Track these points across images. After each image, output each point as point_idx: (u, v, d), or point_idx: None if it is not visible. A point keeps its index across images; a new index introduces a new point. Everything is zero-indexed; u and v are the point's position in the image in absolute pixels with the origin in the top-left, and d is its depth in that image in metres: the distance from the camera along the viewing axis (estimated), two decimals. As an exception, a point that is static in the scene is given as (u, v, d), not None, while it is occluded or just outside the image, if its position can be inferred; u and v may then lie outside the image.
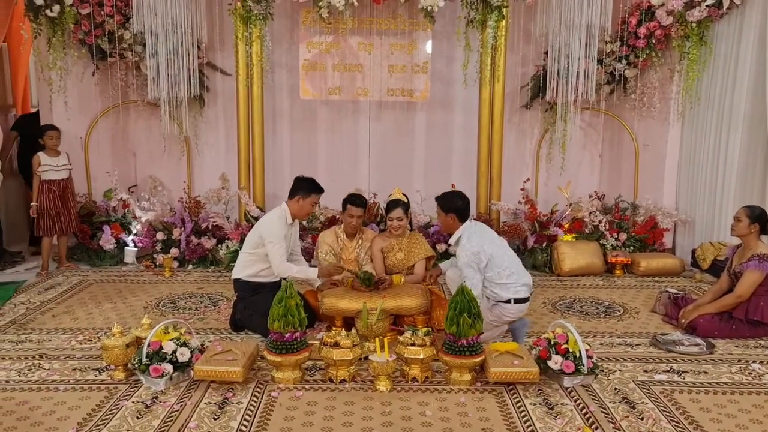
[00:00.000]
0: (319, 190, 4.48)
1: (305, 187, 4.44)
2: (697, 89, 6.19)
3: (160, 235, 6.26)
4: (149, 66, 6.10)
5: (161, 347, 3.53)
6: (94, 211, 6.47)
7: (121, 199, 6.44)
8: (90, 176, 6.68)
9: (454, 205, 4.23)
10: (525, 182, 6.69)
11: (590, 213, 6.51)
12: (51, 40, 5.99)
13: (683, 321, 4.47)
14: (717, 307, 4.44)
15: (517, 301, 4.12)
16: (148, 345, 3.51)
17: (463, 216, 4.24)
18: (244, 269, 4.45)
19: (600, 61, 6.36)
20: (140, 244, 6.29)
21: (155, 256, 6.18)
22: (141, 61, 6.29)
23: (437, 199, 4.32)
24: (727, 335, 4.34)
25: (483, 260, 4.07)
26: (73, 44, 6.20)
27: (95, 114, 6.66)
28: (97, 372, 3.69)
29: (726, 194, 5.98)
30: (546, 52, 6.47)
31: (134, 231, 6.33)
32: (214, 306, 5.04)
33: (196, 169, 7.05)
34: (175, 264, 6.10)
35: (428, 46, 6.95)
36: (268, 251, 4.33)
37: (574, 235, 6.40)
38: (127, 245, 6.29)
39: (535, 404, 3.35)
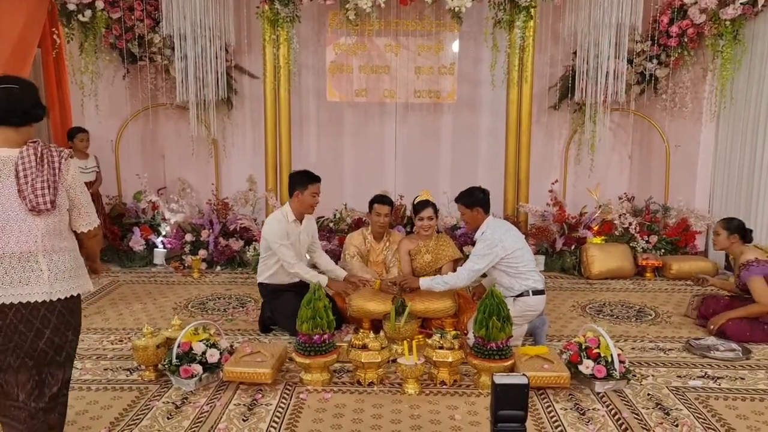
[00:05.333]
0: (315, 178, 4.42)
1: (301, 181, 4.39)
2: (731, 89, 6.06)
3: (188, 237, 6.32)
4: (178, 69, 6.18)
5: (191, 348, 3.55)
6: (123, 212, 6.57)
7: (150, 201, 6.52)
8: (120, 178, 6.79)
9: (476, 198, 4.24)
10: (553, 184, 6.62)
11: (620, 215, 6.41)
12: (83, 44, 6.10)
13: (712, 327, 4.39)
14: (745, 312, 4.33)
15: (536, 292, 4.08)
16: (178, 346, 3.54)
17: (486, 207, 4.25)
18: (262, 273, 4.48)
19: (630, 61, 6.27)
20: (169, 246, 6.36)
21: (184, 257, 6.24)
22: (170, 65, 6.38)
23: (459, 198, 4.32)
24: (760, 338, 4.24)
25: (499, 254, 4.04)
26: (104, 48, 6.31)
27: (125, 117, 6.76)
28: (128, 372, 3.73)
29: (762, 196, 5.83)
30: (575, 52, 6.40)
31: (163, 232, 6.40)
32: (242, 307, 5.07)
33: (223, 171, 7.12)
34: (204, 265, 6.16)
35: (455, 47, 6.92)
36: (278, 253, 4.32)
37: (603, 237, 6.31)
38: (157, 247, 6.37)
39: (566, 409, 3.30)
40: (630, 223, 6.33)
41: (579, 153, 6.83)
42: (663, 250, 6.25)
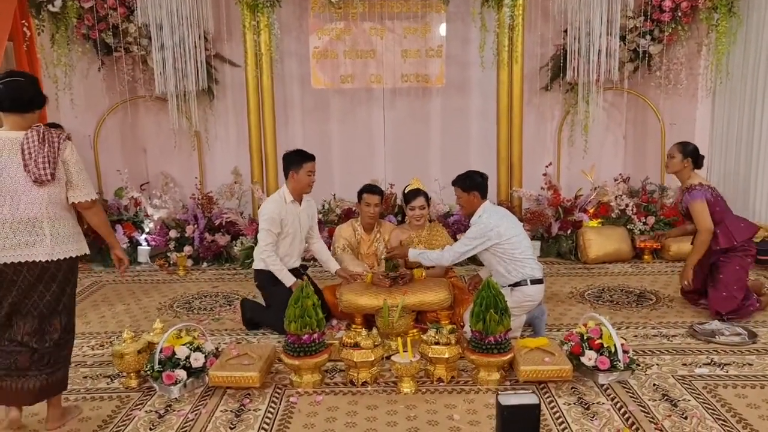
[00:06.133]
0: (309, 157, 4.27)
1: (294, 160, 4.24)
2: (727, 63, 5.90)
3: (173, 233, 6.12)
4: (156, 60, 5.95)
5: (174, 353, 3.38)
6: (105, 210, 6.32)
7: (132, 197, 6.30)
8: (100, 175, 6.56)
9: (474, 182, 4.08)
10: (547, 167, 6.44)
11: (616, 197, 6.25)
12: (54, 36, 5.86)
13: (686, 283, 4.40)
14: (696, 251, 4.33)
15: (534, 281, 3.92)
16: (160, 351, 3.36)
17: (484, 192, 4.10)
18: (261, 260, 4.29)
19: (622, 38, 6.09)
20: (153, 243, 6.15)
21: (169, 254, 6.04)
22: (147, 55, 6.14)
23: (456, 181, 4.15)
24: (740, 276, 4.27)
25: (492, 239, 3.88)
26: (77, 39, 6.07)
27: (103, 111, 6.53)
28: (109, 380, 3.55)
29: (761, 172, 5.71)
30: (565, 30, 6.22)
31: (147, 229, 6.19)
32: (230, 306, 4.89)
33: (207, 164, 6.90)
34: (190, 262, 5.96)
35: (442, 29, 6.70)
36: (259, 234, 4.20)
37: (599, 220, 6.16)
38: (140, 244, 6.16)
39: (569, 404, 3.15)
40: (626, 205, 6.18)
41: (572, 134, 6.66)
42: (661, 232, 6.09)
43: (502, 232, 3.90)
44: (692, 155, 4.36)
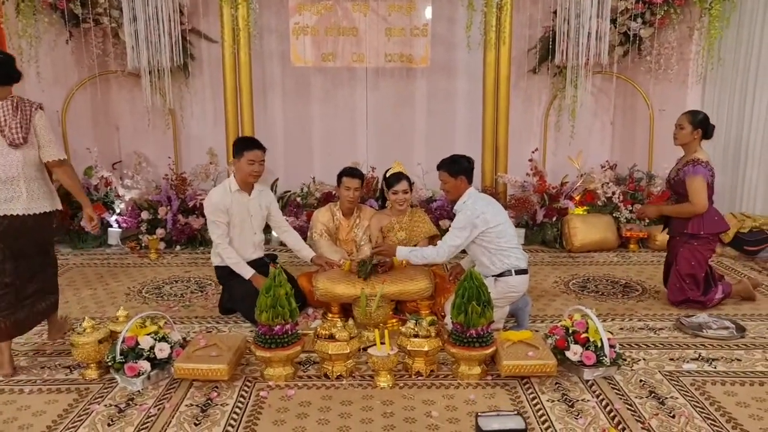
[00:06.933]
0: (252, 146, 4.03)
1: (237, 149, 4.04)
2: (719, 48, 5.75)
3: (145, 215, 5.88)
4: (128, 33, 5.67)
5: (137, 343, 3.18)
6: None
7: (102, 176, 6.04)
8: (69, 152, 6.23)
9: (462, 167, 3.89)
10: (533, 152, 6.28)
11: (603, 184, 6.12)
12: (19, 5, 5.54)
13: (642, 216, 4.53)
14: (675, 210, 4.26)
15: (519, 271, 3.76)
16: (123, 341, 3.16)
17: (470, 177, 3.93)
18: (217, 255, 4.11)
19: (613, 21, 5.92)
20: (124, 225, 5.91)
21: (140, 237, 5.80)
22: (119, 28, 5.86)
23: (442, 165, 3.95)
24: (695, 271, 4.19)
25: (479, 227, 3.72)
26: (43, 9, 5.75)
27: (72, 85, 6.23)
28: (69, 370, 3.35)
29: (750, 161, 5.60)
30: (555, 12, 6.04)
31: (118, 210, 5.95)
32: (201, 292, 4.69)
33: (182, 144, 6.65)
34: (162, 245, 5.74)
35: (428, 7, 6.47)
36: (209, 228, 4.04)
37: (585, 207, 6.03)
38: (111, 226, 5.92)
39: (552, 401, 3.00)
40: (613, 193, 6.05)
41: (559, 119, 6.50)
42: (647, 221, 5.97)
43: (488, 219, 3.73)
44: (702, 125, 4.12)
